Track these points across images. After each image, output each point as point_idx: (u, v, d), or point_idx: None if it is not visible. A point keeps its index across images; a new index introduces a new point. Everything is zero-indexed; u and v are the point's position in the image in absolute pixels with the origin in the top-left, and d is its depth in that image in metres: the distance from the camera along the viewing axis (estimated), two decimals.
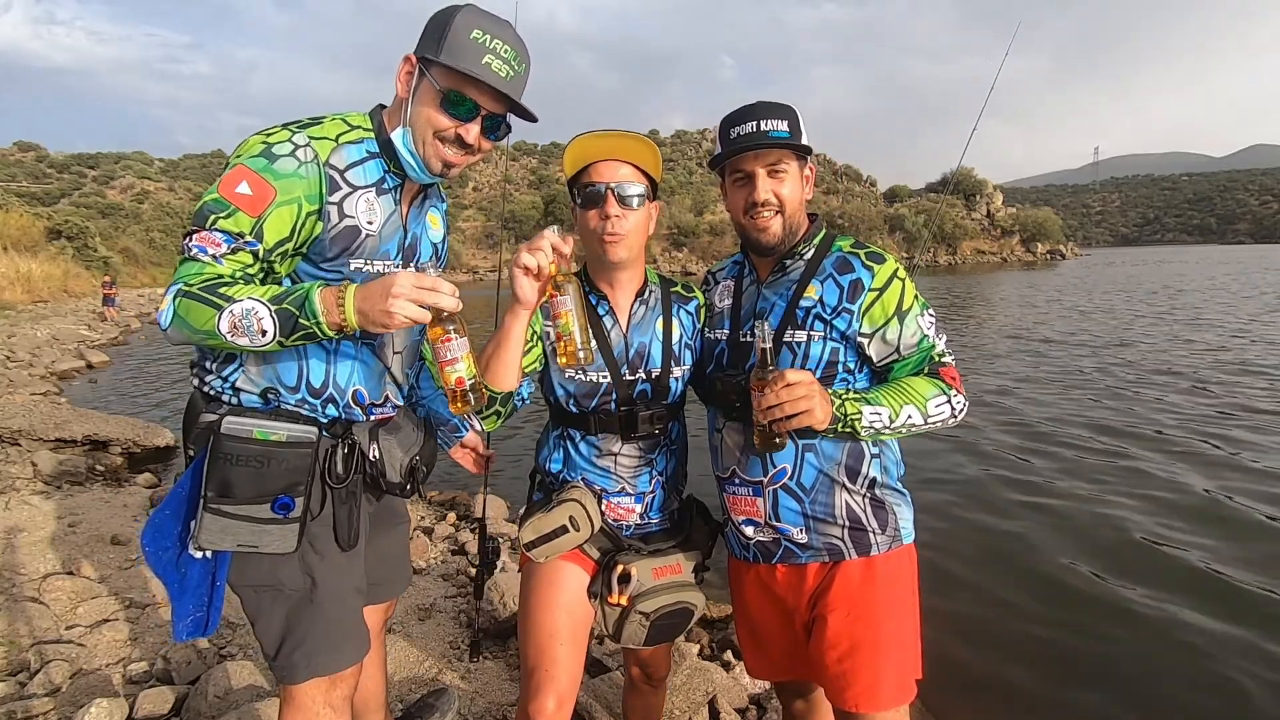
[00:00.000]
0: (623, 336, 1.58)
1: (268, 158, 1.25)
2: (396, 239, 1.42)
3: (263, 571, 1.35)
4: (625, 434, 1.56)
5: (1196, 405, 7.19)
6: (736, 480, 1.56)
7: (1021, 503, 4.76)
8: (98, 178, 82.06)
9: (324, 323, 1.18)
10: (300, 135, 1.29)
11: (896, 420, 1.39)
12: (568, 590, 1.54)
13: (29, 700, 2.21)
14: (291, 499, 1.31)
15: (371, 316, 1.16)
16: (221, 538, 1.29)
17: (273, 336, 1.17)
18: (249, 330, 1.16)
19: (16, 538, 3.47)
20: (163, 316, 1.19)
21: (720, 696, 2.46)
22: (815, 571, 1.51)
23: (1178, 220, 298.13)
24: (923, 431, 1.43)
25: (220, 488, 1.28)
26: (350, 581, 1.44)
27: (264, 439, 1.30)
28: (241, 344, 1.17)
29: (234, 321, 1.15)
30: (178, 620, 1.37)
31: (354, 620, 1.44)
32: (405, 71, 1.35)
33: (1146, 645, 3.11)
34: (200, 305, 1.16)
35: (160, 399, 9.18)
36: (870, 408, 1.37)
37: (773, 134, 1.43)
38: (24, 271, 24.28)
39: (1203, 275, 31.94)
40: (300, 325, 1.17)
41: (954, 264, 60.58)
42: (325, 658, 1.37)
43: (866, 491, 1.50)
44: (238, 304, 1.16)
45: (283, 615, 1.36)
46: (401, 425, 1.55)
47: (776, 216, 1.47)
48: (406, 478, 1.53)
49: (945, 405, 1.42)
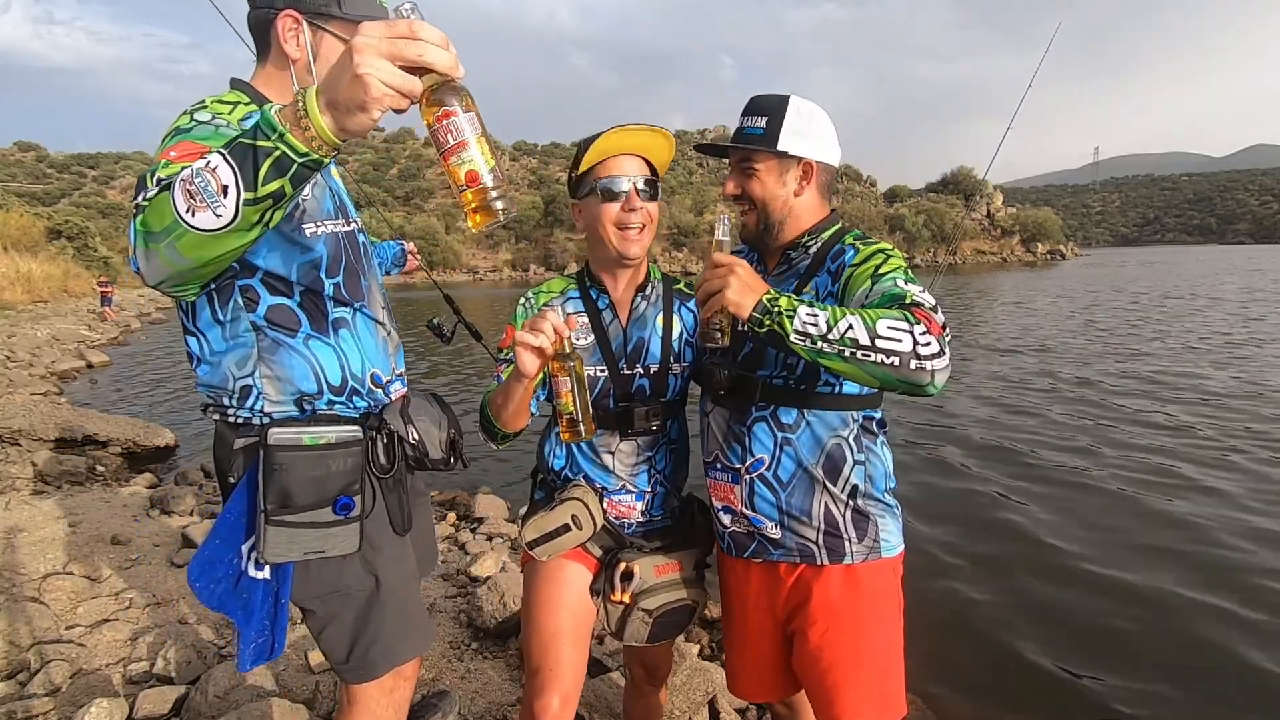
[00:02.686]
0: (622, 330, 1.58)
1: (181, 133, 1.14)
2: (328, 194, 1.38)
3: (326, 580, 1.33)
4: (622, 430, 1.56)
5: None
6: (718, 465, 1.55)
7: (1020, 503, 4.76)
8: (98, 178, 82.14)
9: (291, 139, 0.88)
10: (199, 114, 1.19)
11: (834, 329, 1.14)
12: (571, 589, 1.54)
13: (29, 700, 2.21)
14: (351, 499, 1.30)
15: (342, 99, 0.84)
16: (289, 548, 1.27)
17: (235, 190, 0.89)
18: (206, 192, 0.89)
19: (16, 538, 3.47)
20: (131, 254, 1.02)
21: (720, 696, 2.46)
22: (787, 573, 1.50)
23: (1178, 220, 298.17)
24: (872, 362, 1.13)
25: (280, 498, 1.25)
26: (409, 569, 1.45)
27: (314, 444, 1.28)
28: (204, 225, 0.91)
29: (186, 189, 0.90)
30: (244, 647, 1.33)
31: (417, 607, 1.45)
32: (290, 31, 1.26)
33: (1146, 645, 3.11)
34: (154, 204, 0.94)
35: (160, 399, 9.18)
36: (807, 309, 1.17)
37: (746, 130, 1.45)
38: (24, 271, 24.29)
39: (1174, 279, 31.67)
40: (262, 152, 0.88)
41: (954, 264, 60.55)
42: (400, 646, 1.39)
43: (848, 499, 1.46)
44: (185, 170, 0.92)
45: (352, 617, 1.36)
46: (422, 404, 1.54)
47: (750, 212, 1.49)
48: (448, 451, 1.50)
49: (904, 333, 1.12)
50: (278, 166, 0.89)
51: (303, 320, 1.32)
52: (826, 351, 1.15)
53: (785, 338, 1.17)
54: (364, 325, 1.42)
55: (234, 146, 0.90)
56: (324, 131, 0.87)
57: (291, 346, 1.31)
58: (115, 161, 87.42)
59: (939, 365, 1.12)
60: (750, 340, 1.51)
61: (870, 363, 1.13)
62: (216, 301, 1.26)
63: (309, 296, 1.32)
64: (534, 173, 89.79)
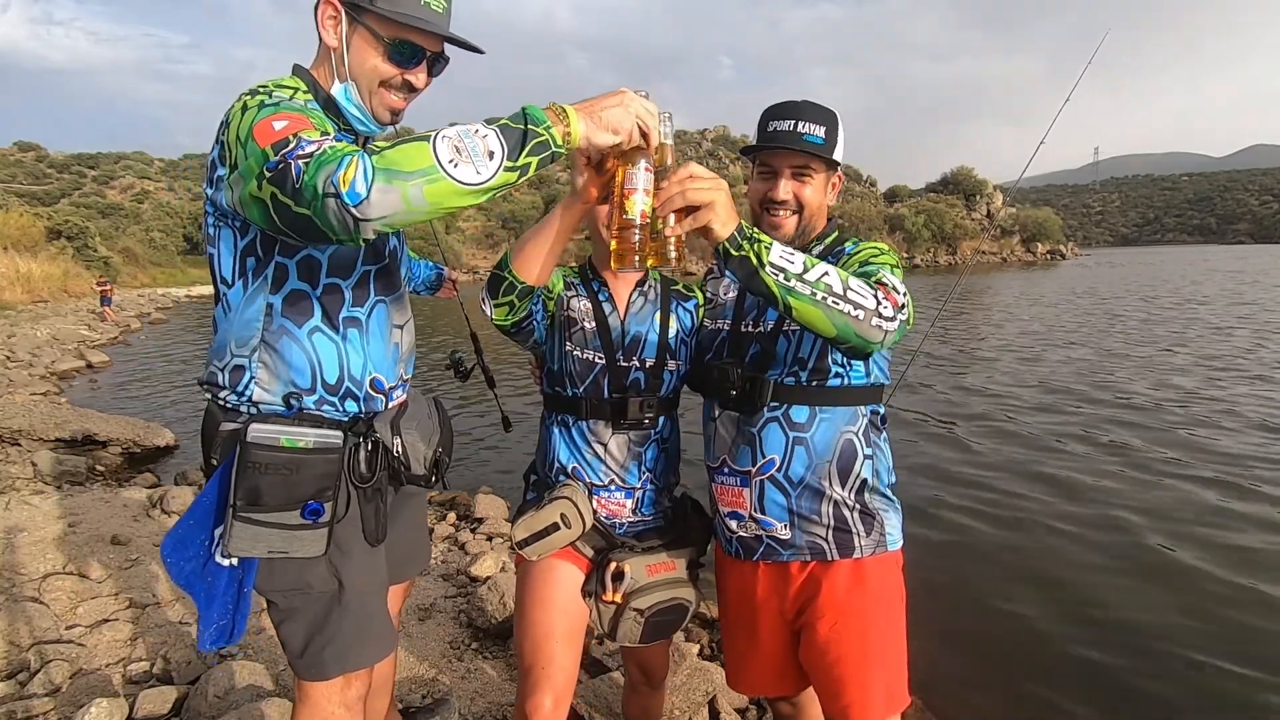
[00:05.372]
0: (620, 323, 1.61)
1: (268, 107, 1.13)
2: None
3: (290, 576, 1.34)
4: (615, 420, 1.57)
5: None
6: (726, 470, 1.56)
7: (1019, 503, 4.76)
8: (98, 178, 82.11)
9: (554, 130, 1.07)
10: (278, 91, 1.22)
11: (810, 273, 1.18)
12: (563, 588, 1.54)
13: (29, 700, 2.21)
14: (321, 504, 1.29)
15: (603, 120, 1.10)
16: (253, 545, 1.28)
17: (500, 157, 1.03)
18: (474, 152, 1.01)
19: (16, 538, 3.46)
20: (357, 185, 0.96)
21: (720, 696, 2.46)
22: (798, 571, 1.51)
23: (1178, 220, 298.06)
24: (840, 311, 1.18)
25: (249, 496, 1.26)
26: (376, 578, 1.44)
27: (291, 446, 1.28)
28: (463, 178, 1.01)
29: (454, 144, 1.01)
30: (204, 629, 1.36)
31: (380, 617, 1.44)
32: (330, 19, 1.27)
33: (1146, 644, 3.11)
34: (404, 145, 1.01)
35: (160, 399, 9.18)
36: (782, 246, 1.21)
37: (807, 137, 1.45)
38: (24, 271, 24.31)
39: (1150, 280, 31.53)
40: (531, 135, 1.05)
41: (954, 264, 60.55)
42: (355, 653, 1.38)
43: (856, 496, 1.49)
44: (449, 129, 1.02)
45: (311, 614, 1.36)
46: (418, 414, 1.54)
47: (793, 217, 1.49)
48: (430, 469, 1.51)
49: (869, 295, 1.21)
50: (537, 148, 1.06)
51: (316, 312, 1.32)
52: (798, 290, 1.18)
53: (760, 269, 1.18)
54: (378, 327, 1.41)
55: (502, 126, 1.05)
56: (576, 133, 1.09)
57: (295, 337, 1.31)
58: (115, 161, 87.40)
59: (891, 328, 1.22)
60: (757, 341, 1.52)
61: (837, 310, 1.19)
62: (251, 268, 1.27)
63: (331, 289, 1.33)
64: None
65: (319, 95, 1.31)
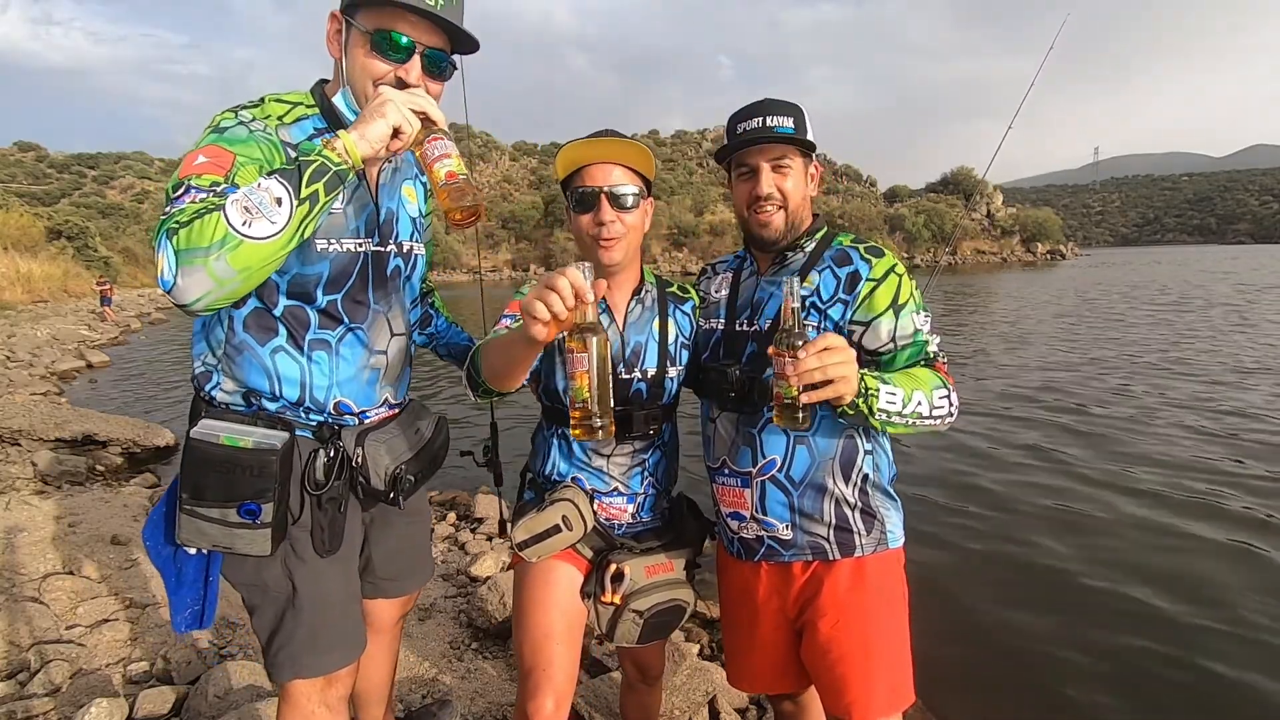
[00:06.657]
0: (619, 335, 1.58)
1: (216, 133, 1.21)
2: (366, 214, 1.37)
3: (248, 570, 1.35)
4: (620, 434, 1.55)
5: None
6: (726, 471, 1.56)
7: (1018, 503, 4.76)
8: (98, 178, 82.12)
9: (326, 152, 1.13)
10: (244, 113, 1.26)
11: (908, 405, 1.33)
12: (562, 590, 1.53)
13: (29, 700, 2.21)
14: (258, 505, 1.27)
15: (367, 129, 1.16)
16: (198, 538, 1.29)
17: (288, 199, 1.08)
18: (262, 206, 1.06)
19: (16, 538, 3.46)
20: (165, 274, 1.05)
21: (720, 696, 2.46)
22: (800, 571, 1.51)
23: (1178, 220, 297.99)
24: (925, 428, 1.37)
25: (193, 490, 1.27)
26: (336, 586, 1.41)
27: (231, 444, 1.27)
28: (260, 234, 1.06)
29: (242, 205, 1.05)
30: (176, 613, 1.39)
31: (343, 624, 1.41)
32: (334, 30, 1.29)
33: (1146, 644, 3.10)
34: (198, 221, 1.04)
35: (160, 399, 9.17)
36: (886, 386, 1.31)
37: (778, 129, 1.45)
38: (24, 271, 24.31)
39: (1134, 280, 31.53)
40: (305, 165, 1.11)
41: (954, 264, 60.56)
42: (309, 660, 1.36)
43: (857, 493, 1.49)
44: (236, 191, 1.08)
45: (270, 614, 1.37)
46: (401, 430, 1.50)
47: (779, 211, 1.49)
48: (389, 485, 1.44)
49: (946, 400, 1.39)
50: (316, 174, 1.11)
51: (281, 331, 1.32)
52: (895, 423, 1.34)
53: (870, 416, 1.31)
54: (350, 351, 1.39)
55: (279, 170, 1.10)
56: (350, 145, 1.15)
57: (256, 353, 1.32)
58: (115, 161, 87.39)
59: (958, 412, 1.43)
60: (753, 341, 1.52)
61: (922, 428, 1.38)
62: None
63: (294, 310, 1.32)
64: (533, 173, 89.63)
65: (324, 107, 1.34)
